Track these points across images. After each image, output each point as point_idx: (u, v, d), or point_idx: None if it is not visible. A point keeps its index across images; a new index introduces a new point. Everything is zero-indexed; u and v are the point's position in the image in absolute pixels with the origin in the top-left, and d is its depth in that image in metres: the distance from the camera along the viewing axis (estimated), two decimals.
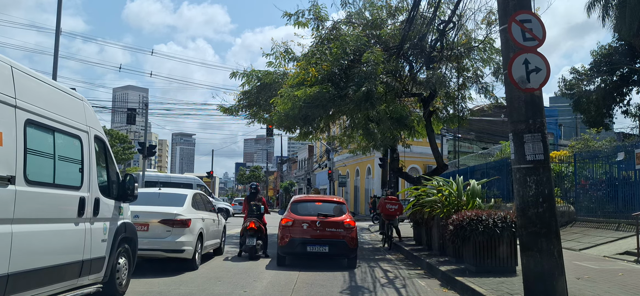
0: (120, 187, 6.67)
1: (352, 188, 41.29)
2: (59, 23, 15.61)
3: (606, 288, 6.99)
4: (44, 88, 5.27)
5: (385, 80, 14.13)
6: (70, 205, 5.44)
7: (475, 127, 31.68)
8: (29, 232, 4.69)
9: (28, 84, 4.94)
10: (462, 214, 8.72)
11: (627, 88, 21.28)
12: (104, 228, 6.18)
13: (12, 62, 4.78)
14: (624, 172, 13.22)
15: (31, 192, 4.72)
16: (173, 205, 9.43)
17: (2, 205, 4.33)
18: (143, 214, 8.74)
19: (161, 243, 8.78)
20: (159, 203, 9.46)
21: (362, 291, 7.76)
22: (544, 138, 5.94)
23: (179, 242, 8.90)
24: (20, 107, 4.67)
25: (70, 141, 5.59)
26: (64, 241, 5.31)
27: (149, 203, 9.28)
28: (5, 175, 4.35)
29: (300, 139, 19.75)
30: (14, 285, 4.42)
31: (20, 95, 4.70)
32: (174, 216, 9.03)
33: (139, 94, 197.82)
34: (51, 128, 5.18)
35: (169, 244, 8.84)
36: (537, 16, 6.11)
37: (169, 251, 8.88)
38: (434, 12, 13.30)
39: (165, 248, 8.82)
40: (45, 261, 4.93)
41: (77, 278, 5.56)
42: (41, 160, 5.00)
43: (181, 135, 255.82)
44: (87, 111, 6.17)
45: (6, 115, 4.45)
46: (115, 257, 6.41)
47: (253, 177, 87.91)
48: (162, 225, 8.90)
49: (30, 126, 4.79)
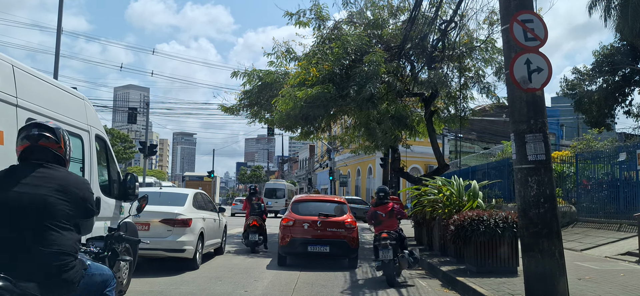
0: (121, 186, 6.66)
1: (353, 188, 41.28)
2: (60, 22, 15.63)
3: (608, 289, 6.97)
4: (45, 87, 5.29)
5: (386, 80, 14.13)
6: None
7: (476, 126, 31.67)
8: None
9: (29, 83, 4.95)
10: (463, 214, 8.71)
11: (629, 89, 21.23)
12: (105, 228, 6.11)
13: (13, 61, 4.81)
14: (625, 173, 13.19)
15: None
16: (174, 205, 9.43)
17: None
18: (144, 213, 8.39)
19: (162, 243, 8.74)
20: (159, 202, 9.35)
21: (363, 291, 7.76)
22: (546, 138, 5.92)
23: (180, 242, 8.90)
24: (22, 106, 4.70)
25: (72, 140, 5.55)
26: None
27: (150, 202, 9.06)
28: None
29: (301, 139, 19.76)
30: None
31: (22, 94, 4.73)
32: (175, 215, 9.02)
33: (140, 93, 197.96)
34: None
35: (170, 244, 8.84)
36: (539, 16, 6.10)
37: (170, 251, 8.88)
38: (436, 11, 13.28)
39: (166, 247, 8.81)
40: None
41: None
42: None
43: (182, 135, 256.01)
44: (88, 110, 6.18)
45: (8, 114, 4.47)
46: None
47: (254, 176, 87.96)
48: (163, 224, 8.90)
49: None
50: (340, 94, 13.55)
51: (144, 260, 8.45)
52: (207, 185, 43.06)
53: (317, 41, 15.22)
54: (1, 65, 4.56)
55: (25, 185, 2.73)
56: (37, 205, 2.68)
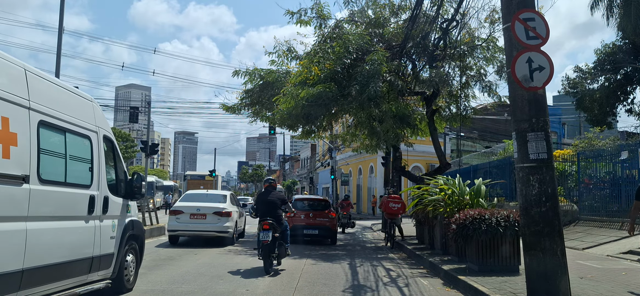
0: (127, 185, 6.83)
1: (355, 187, 41.26)
2: (61, 22, 15.64)
3: (609, 287, 6.96)
4: (55, 90, 5.43)
5: (388, 78, 14.11)
6: (81, 203, 5.60)
7: (478, 125, 31.58)
8: (43, 229, 4.84)
9: (41, 86, 5.08)
10: (465, 213, 8.70)
11: (631, 87, 21.19)
12: (112, 226, 6.32)
13: (25, 65, 4.92)
14: (627, 171, 13.17)
15: (44, 191, 4.87)
16: (219, 202, 13.96)
17: (17, 203, 4.49)
18: (203, 208, 13.46)
19: (215, 227, 13.35)
20: (208, 200, 14.08)
21: (364, 290, 7.76)
22: (548, 137, 5.92)
23: (226, 226, 13.45)
24: (34, 108, 4.82)
25: (81, 141, 5.77)
26: (75, 238, 5.49)
27: (204, 201, 14.03)
28: (20, 174, 4.51)
29: (302, 138, 19.76)
30: (29, 280, 4.59)
31: (34, 97, 4.85)
32: (222, 209, 13.57)
33: (141, 93, 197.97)
34: (62, 129, 5.35)
35: (220, 227, 13.37)
36: (540, 15, 6.09)
37: (219, 232, 13.39)
38: (437, 10, 13.27)
39: (218, 230, 13.37)
40: (58, 257, 5.10)
41: (87, 273, 5.73)
42: (53, 159, 5.16)
43: (184, 134, 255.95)
44: (96, 112, 6.33)
45: (21, 116, 4.61)
46: (123, 254, 6.57)
47: (255, 175, 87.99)
48: (215, 215, 13.38)
49: (43, 127, 4.95)
50: (341, 93, 13.54)
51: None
52: (208, 184, 43.05)
53: (318, 40, 15.20)
54: (14, 69, 4.69)
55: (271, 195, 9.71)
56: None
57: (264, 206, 9.61)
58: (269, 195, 9.76)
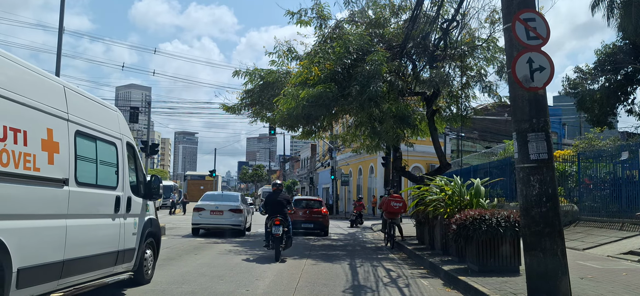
0: (146, 186, 7.50)
1: (355, 187, 41.25)
2: (61, 22, 15.63)
3: (610, 288, 6.96)
4: (88, 103, 6.17)
5: (388, 79, 14.10)
6: (109, 202, 6.33)
7: (478, 125, 31.60)
8: (79, 226, 5.53)
9: (76, 100, 5.78)
10: (465, 213, 8.69)
11: (632, 87, 21.15)
12: (134, 223, 7.02)
13: (64, 82, 5.70)
14: (627, 172, 13.16)
15: (80, 192, 5.57)
16: (233, 201, 17.45)
17: (59, 202, 5.19)
18: (220, 206, 16.77)
19: (230, 221, 16.65)
20: (224, 200, 17.57)
21: (364, 290, 7.75)
22: (548, 137, 5.91)
23: (239, 221, 16.89)
24: (72, 120, 5.54)
25: (108, 147, 6.50)
26: (104, 234, 6.20)
27: (220, 200, 17.43)
28: (62, 177, 5.22)
29: (302, 138, 19.79)
30: (68, 269, 5.29)
31: (71, 110, 5.56)
32: (237, 206, 17.00)
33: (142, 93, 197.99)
34: (94, 137, 6.08)
35: (234, 222, 16.74)
36: (541, 15, 6.09)
37: (234, 225, 16.74)
38: (438, 10, 13.26)
39: (233, 224, 16.72)
40: (91, 250, 5.82)
41: (113, 266, 6.44)
42: (87, 164, 5.86)
43: (184, 134, 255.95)
44: (121, 121, 7.08)
45: (62, 127, 5.33)
46: (143, 249, 7.30)
47: (256, 175, 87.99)
48: (230, 212, 16.68)
49: (79, 136, 5.68)
50: (342, 93, 13.53)
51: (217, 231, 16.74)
52: (208, 184, 43.10)
53: (318, 40, 15.21)
54: (56, 87, 5.44)
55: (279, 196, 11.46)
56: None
57: (273, 205, 11.41)
58: (277, 196, 11.52)
